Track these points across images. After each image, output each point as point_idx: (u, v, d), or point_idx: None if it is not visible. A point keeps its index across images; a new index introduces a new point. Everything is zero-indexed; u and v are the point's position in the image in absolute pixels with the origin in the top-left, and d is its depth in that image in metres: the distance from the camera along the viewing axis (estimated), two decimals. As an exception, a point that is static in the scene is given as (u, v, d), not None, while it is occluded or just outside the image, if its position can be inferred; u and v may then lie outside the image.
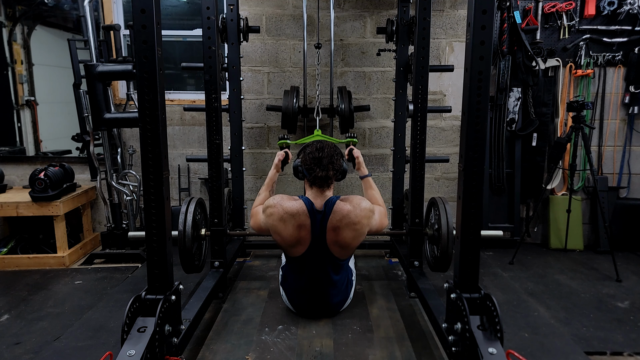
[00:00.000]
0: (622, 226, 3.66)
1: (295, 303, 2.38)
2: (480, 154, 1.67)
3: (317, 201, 2.19)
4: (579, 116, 3.15)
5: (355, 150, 2.61)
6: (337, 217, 2.14)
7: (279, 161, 2.56)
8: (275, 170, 2.54)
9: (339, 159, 2.24)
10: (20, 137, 4.21)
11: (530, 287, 2.92)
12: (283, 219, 2.15)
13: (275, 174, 2.54)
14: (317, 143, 2.26)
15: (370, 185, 2.50)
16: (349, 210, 2.14)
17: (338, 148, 2.31)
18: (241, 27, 3.15)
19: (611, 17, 3.51)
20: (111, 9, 3.62)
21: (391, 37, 3.14)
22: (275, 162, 2.55)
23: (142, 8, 1.56)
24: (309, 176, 2.20)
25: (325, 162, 2.17)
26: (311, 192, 2.23)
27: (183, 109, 3.50)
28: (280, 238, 2.20)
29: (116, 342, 1.99)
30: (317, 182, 2.18)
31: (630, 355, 2.12)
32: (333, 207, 2.15)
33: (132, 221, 3.49)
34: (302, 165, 2.23)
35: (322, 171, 2.16)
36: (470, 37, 1.61)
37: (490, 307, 1.63)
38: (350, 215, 2.14)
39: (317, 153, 2.19)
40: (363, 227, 2.19)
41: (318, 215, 2.16)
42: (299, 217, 2.14)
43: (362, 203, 2.19)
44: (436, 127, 3.73)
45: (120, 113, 2.59)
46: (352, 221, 2.15)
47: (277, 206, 2.16)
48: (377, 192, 2.48)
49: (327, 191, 2.22)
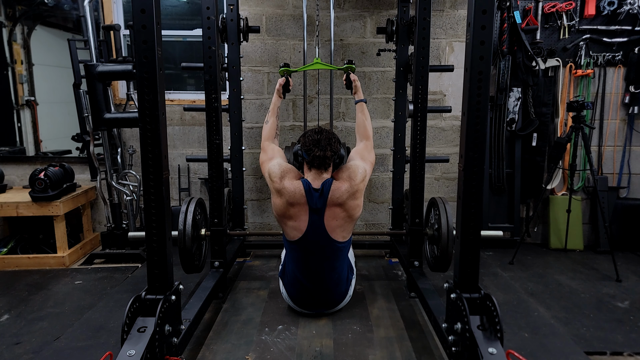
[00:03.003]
0: (622, 226, 3.66)
1: (294, 295, 2.38)
2: (480, 154, 1.68)
3: (315, 182, 2.26)
4: (579, 116, 3.15)
5: (352, 75, 2.68)
6: (336, 195, 2.22)
7: (280, 86, 2.64)
8: (277, 95, 2.63)
9: (336, 143, 2.30)
10: (20, 137, 4.20)
11: (530, 287, 2.92)
12: (280, 192, 2.24)
13: (279, 100, 2.63)
14: (315, 128, 2.34)
15: (363, 110, 2.56)
16: (347, 187, 2.24)
17: (336, 135, 2.37)
18: (241, 27, 3.15)
19: (611, 17, 3.51)
20: (111, 9, 3.62)
21: (391, 37, 3.14)
22: (276, 88, 2.64)
23: (142, 8, 1.56)
24: (307, 157, 2.25)
25: (324, 143, 2.23)
26: (310, 174, 2.28)
27: (183, 109, 3.50)
28: (275, 207, 2.30)
29: (116, 342, 2.00)
30: (316, 163, 2.24)
31: (630, 355, 2.12)
32: (330, 187, 2.23)
33: (132, 221, 3.49)
34: (302, 148, 2.29)
35: (320, 151, 2.22)
36: (470, 37, 1.61)
37: (490, 307, 1.63)
38: (349, 190, 2.23)
39: (315, 135, 2.27)
40: (361, 191, 2.29)
41: (315, 194, 2.23)
42: (294, 196, 2.22)
43: (355, 174, 2.27)
44: (436, 127, 3.73)
45: (120, 113, 2.59)
46: (351, 192, 2.24)
47: (278, 180, 2.25)
48: (367, 119, 2.54)
49: (325, 173, 2.28)
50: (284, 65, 2.68)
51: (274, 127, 2.54)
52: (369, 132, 2.50)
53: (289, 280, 2.38)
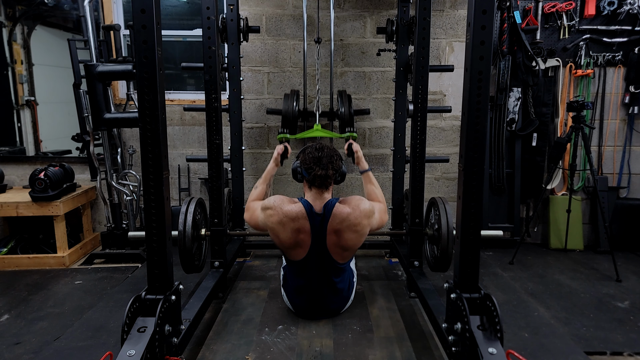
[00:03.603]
0: (622, 226, 3.66)
1: (295, 304, 2.37)
2: (480, 154, 1.67)
3: (317, 203, 2.17)
4: (579, 116, 3.15)
5: (354, 144, 2.63)
6: (336, 220, 2.13)
7: (278, 155, 2.55)
8: (274, 164, 2.53)
9: (338, 160, 2.23)
10: (20, 137, 4.21)
11: (530, 287, 2.92)
12: (282, 222, 2.14)
13: (274, 168, 2.53)
14: (316, 144, 2.25)
15: (370, 180, 2.49)
16: (349, 212, 2.13)
17: (337, 150, 2.30)
18: (241, 27, 3.15)
19: (611, 17, 3.51)
20: (111, 9, 3.62)
21: (391, 37, 3.14)
22: (274, 156, 2.54)
23: (142, 8, 1.56)
24: (308, 176, 2.18)
25: (325, 161, 2.15)
26: (310, 194, 2.21)
27: (183, 109, 3.50)
28: (279, 240, 2.19)
29: (116, 342, 2.00)
30: (317, 182, 2.16)
31: (630, 355, 2.12)
32: (332, 209, 2.14)
33: (132, 221, 3.49)
34: (302, 166, 2.21)
35: (321, 170, 2.13)
36: (470, 37, 1.61)
37: (490, 307, 1.63)
38: (350, 218, 2.13)
39: (316, 153, 2.18)
40: (364, 228, 2.18)
41: (317, 218, 2.15)
42: (298, 221, 2.13)
43: (362, 204, 2.18)
44: (436, 127, 3.73)
45: (120, 113, 2.59)
46: (353, 223, 2.14)
47: (276, 208, 2.15)
48: (377, 187, 2.47)
49: (326, 193, 2.20)
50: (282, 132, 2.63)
51: (263, 194, 2.42)
52: (381, 198, 2.41)
53: (291, 292, 2.36)
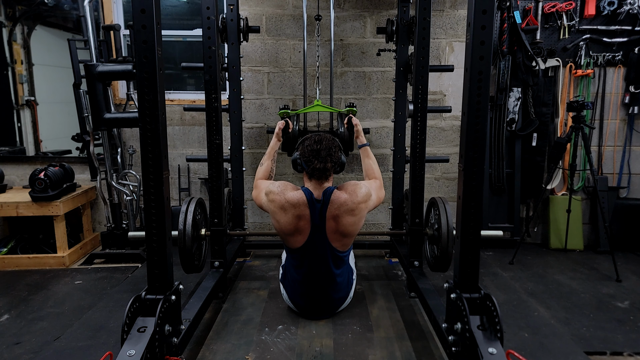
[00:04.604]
0: (622, 226, 3.66)
1: (295, 300, 2.38)
2: (480, 154, 1.68)
3: (316, 192, 2.22)
4: (579, 116, 3.15)
5: (354, 119, 2.65)
6: (335, 205, 2.18)
7: (280, 130, 2.60)
8: (277, 139, 2.59)
9: (337, 151, 2.26)
10: (20, 137, 4.20)
11: (530, 287, 2.92)
12: (284, 208, 2.19)
13: (277, 143, 2.59)
14: (315, 136, 2.26)
15: (368, 154, 2.54)
16: (346, 198, 2.19)
17: (336, 140, 2.32)
18: (241, 27, 3.15)
19: (611, 17, 3.51)
20: (111, 9, 3.62)
21: (391, 37, 3.14)
22: (275, 131, 2.60)
23: (142, 8, 1.56)
24: (307, 168, 2.21)
25: (324, 154, 2.18)
26: (310, 184, 2.25)
27: (183, 109, 3.50)
28: (279, 225, 2.23)
29: (116, 342, 2.00)
30: (316, 174, 2.20)
31: (630, 355, 2.12)
32: (331, 196, 2.18)
33: (132, 221, 3.49)
34: (301, 158, 2.24)
35: (320, 163, 2.17)
36: (470, 37, 1.61)
37: (490, 307, 1.63)
38: (347, 203, 2.18)
39: (315, 145, 2.20)
40: (362, 211, 2.23)
41: (317, 204, 2.19)
42: (298, 208, 2.17)
43: (358, 189, 2.23)
44: (436, 127, 3.73)
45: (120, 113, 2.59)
46: (350, 208, 2.19)
47: (279, 194, 2.20)
48: (374, 162, 2.52)
49: (326, 183, 2.24)
50: (283, 108, 2.65)
51: (269, 170, 2.49)
52: (377, 174, 2.47)
53: (290, 285, 2.37)
